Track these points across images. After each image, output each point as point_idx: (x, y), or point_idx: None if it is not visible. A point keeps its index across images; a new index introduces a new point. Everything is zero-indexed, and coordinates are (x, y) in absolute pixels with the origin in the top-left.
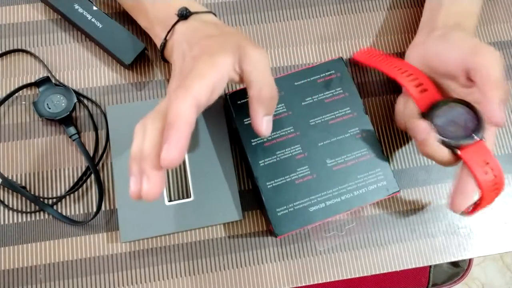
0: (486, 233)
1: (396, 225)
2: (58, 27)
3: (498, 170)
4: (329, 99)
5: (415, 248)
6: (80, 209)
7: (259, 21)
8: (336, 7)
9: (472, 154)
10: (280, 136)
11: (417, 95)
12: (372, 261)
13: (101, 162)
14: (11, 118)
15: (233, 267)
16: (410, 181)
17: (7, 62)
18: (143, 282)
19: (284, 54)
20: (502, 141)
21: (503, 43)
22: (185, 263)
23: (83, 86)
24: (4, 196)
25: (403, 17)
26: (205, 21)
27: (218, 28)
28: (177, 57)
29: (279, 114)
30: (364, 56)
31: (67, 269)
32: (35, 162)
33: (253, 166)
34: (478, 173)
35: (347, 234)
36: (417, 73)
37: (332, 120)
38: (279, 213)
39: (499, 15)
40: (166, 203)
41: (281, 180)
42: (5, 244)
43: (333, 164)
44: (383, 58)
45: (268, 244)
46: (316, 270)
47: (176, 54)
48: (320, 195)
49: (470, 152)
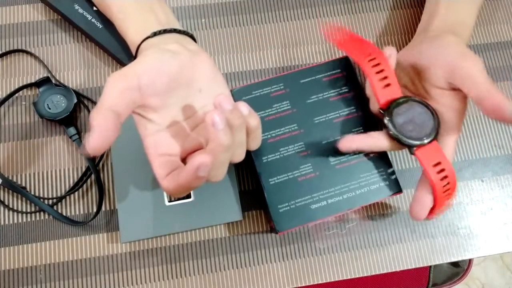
0: (486, 234)
1: (396, 225)
2: (58, 28)
3: (450, 171)
4: (334, 97)
5: (415, 249)
6: (80, 209)
7: (261, 22)
8: (337, 8)
9: (426, 153)
10: (284, 133)
11: (380, 90)
12: (372, 261)
13: (101, 162)
14: (11, 118)
15: (234, 267)
16: (410, 181)
17: (7, 62)
18: (143, 282)
19: (286, 54)
20: (502, 141)
21: (503, 43)
22: (185, 264)
23: (83, 86)
24: (4, 196)
25: (404, 17)
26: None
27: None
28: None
29: (284, 111)
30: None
31: (67, 269)
32: (35, 162)
33: (256, 162)
34: (431, 172)
35: (347, 233)
36: (385, 64)
37: (337, 119)
38: (281, 209)
39: (499, 16)
40: (166, 203)
41: (283, 177)
42: (5, 244)
43: (336, 163)
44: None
45: (268, 245)
46: (316, 270)
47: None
48: (322, 193)
49: (424, 152)
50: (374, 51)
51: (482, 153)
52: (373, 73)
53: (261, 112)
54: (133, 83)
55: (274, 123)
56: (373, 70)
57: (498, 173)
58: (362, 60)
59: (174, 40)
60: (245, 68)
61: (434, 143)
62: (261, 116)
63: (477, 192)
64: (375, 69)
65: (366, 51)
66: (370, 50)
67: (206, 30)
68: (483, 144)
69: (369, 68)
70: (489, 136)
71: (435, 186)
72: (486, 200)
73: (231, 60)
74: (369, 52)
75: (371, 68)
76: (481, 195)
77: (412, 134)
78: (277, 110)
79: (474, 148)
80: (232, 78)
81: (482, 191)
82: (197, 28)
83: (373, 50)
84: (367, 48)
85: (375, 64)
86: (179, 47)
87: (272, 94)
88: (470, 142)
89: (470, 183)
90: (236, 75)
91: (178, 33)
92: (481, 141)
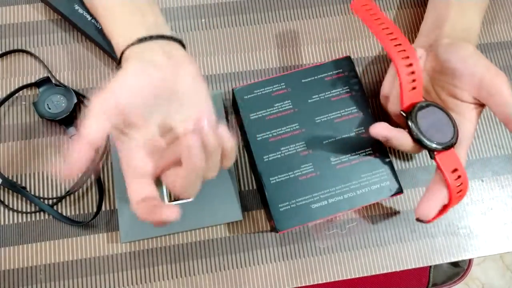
0: (486, 233)
1: (396, 225)
2: (58, 28)
3: (464, 176)
4: (336, 97)
5: (415, 248)
6: (80, 209)
7: (261, 21)
8: (338, 7)
9: (446, 159)
10: (285, 132)
11: (407, 93)
12: (372, 261)
13: (101, 162)
14: (11, 118)
15: (234, 267)
16: (410, 181)
17: (7, 62)
18: (143, 282)
19: (286, 54)
20: (502, 141)
21: (503, 43)
22: (185, 264)
23: (83, 86)
24: (4, 196)
25: (407, 17)
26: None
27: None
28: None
29: (285, 110)
30: (363, 13)
31: (67, 269)
32: (35, 162)
33: (257, 161)
34: (449, 177)
35: (347, 233)
36: (417, 65)
37: (338, 119)
38: (281, 208)
39: (500, 16)
40: (166, 203)
41: (284, 176)
42: (5, 244)
43: (337, 163)
44: (387, 25)
45: (268, 244)
46: (316, 270)
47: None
48: (323, 192)
49: (443, 157)
50: (409, 49)
51: (482, 153)
52: (404, 73)
53: (263, 111)
54: (113, 106)
55: (275, 122)
56: (406, 70)
57: (498, 173)
58: (396, 56)
59: (159, 48)
60: (245, 68)
61: (452, 150)
62: (263, 115)
63: (477, 192)
64: (407, 69)
65: (399, 44)
66: (405, 47)
67: (206, 30)
68: (483, 144)
69: (402, 67)
70: (489, 136)
71: (451, 191)
72: (486, 200)
73: (231, 60)
74: (403, 48)
75: (404, 67)
76: (481, 195)
77: (435, 139)
78: (278, 110)
79: (474, 148)
80: (232, 78)
81: (482, 191)
82: (197, 28)
83: (408, 47)
84: (399, 39)
85: (409, 64)
86: (162, 58)
87: (273, 94)
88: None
89: (470, 183)
90: (236, 75)
91: (165, 39)
92: (481, 141)
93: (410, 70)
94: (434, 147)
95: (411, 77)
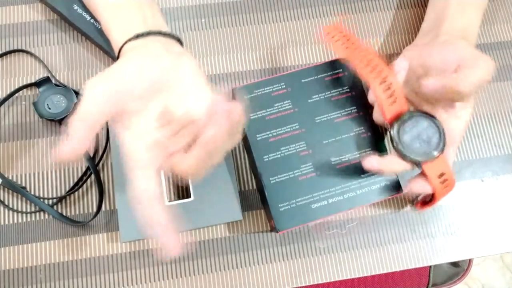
0: (486, 233)
1: (396, 225)
2: (58, 28)
3: (451, 178)
4: (336, 97)
5: (415, 248)
6: (80, 209)
7: (261, 21)
8: (338, 7)
9: (433, 167)
10: (285, 132)
11: (387, 107)
12: (372, 261)
13: (101, 162)
14: (11, 118)
15: (234, 267)
16: None
17: (7, 62)
18: (143, 282)
19: (286, 54)
20: (502, 141)
21: (503, 43)
22: (185, 263)
23: (83, 86)
24: (4, 196)
25: (407, 17)
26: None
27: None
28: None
29: (285, 110)
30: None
31: (67, 269)
32: (35, 162)
33: (257, 161)
34: (435, 182)
35: (347, 233)
36: (391, 76)
37: (338, 119)
38: (281, 208)
39: (500, 16)
40: (166, 203)
41: (284, 176)
42: (5, 244)
43: (337, 162)
44: (356, 48)
45: (268, 244)
46: (316, 270)
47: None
48: (323, 192)
49: (430, 166)
50: (379, 64)
51: (482, 153)
52: (381, 91)
53: (263, 111)
54: (113, 88)
55: (275, 122)
56: (381, 88)
57: (498, 173)
58: (368, 75)
59: (157, 43)
60: (245, 68)
61: (441, 157)
62: (263, 115)
63: (477, 192)
64: (382, 86)
65: (369, 64)
66: (374, 62)
67: (206, 30)
68: (483, 144)
69: (376, 86)
70: (489, 136)
71: (436, 192)
72: (486, 200)
73: (231, 60)
74: (372, 65)
75: (378, 86)
76: (481, 195)
77: (419, 151)
78: (278, 110)
79: (474, 148)
80: (232, 78)
81: (482, 191)
82: (197, 28)
83: (377, 62)
84: (370, 59)
85: (382, 81)
86: (161, 50)
87: (273, 93)
88: (470, 142)
89: (470, 183)
90: (236, 75)
91: (164, 36)
92: (481, 141)
93: (386, 85)
94: (417, 160)
95: (387, 92)
